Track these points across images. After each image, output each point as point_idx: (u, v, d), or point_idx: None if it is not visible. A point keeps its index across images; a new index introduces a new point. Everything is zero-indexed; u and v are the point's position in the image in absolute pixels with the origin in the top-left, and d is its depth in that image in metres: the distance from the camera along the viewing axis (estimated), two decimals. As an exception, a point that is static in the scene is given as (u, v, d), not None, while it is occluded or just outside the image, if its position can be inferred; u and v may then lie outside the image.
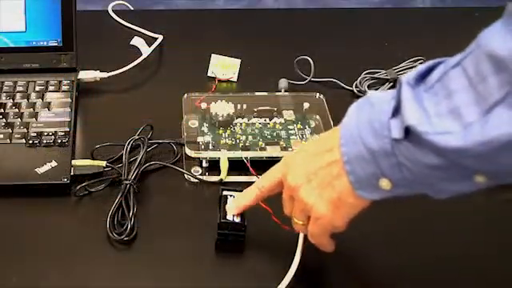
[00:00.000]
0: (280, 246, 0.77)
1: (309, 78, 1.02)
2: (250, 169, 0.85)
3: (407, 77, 0.58)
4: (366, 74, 1.03)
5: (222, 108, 0.92)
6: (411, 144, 0.57)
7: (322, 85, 1.03)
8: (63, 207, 0.83)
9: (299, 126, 0.92)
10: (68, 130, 0.90)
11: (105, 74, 1.01)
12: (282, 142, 0.89)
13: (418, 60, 1.04)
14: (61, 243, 0.78)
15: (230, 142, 0.89)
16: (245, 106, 0.94)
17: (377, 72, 1.03)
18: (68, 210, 0.83)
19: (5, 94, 0.96)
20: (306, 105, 0.95)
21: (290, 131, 0.91)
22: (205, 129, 0.91)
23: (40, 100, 0.95)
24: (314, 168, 0.65)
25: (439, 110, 0.55)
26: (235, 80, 1.04)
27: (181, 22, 1.19)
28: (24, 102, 0.94)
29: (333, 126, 0.90)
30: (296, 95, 0.98)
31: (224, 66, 1.04)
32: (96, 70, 1.01)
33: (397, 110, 0.58)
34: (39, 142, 0.88)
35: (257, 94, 0.98)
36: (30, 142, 0.88)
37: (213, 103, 0.93)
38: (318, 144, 0.67)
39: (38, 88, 0.97)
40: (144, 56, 1.05)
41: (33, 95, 0.96)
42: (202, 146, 0.88)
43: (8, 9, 0.98)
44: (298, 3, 2.42)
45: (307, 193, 0.66)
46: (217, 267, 0.77)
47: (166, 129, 0.92)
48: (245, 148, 0.88)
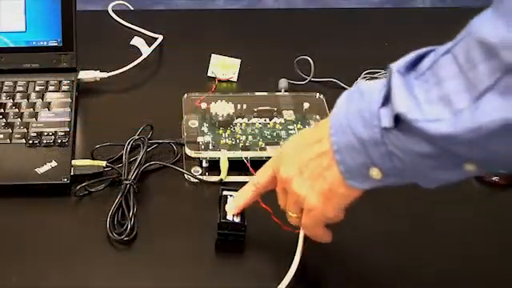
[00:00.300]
0: (280, 246, 0.77)
1: (309, 78, 1.02)
2: (250, 169, 0.85)
3: (397, 65, 0.58)
4: (366, 74, 1.03)
5: (221, 108, 0.92)
6: (401, 132, 0.56)
7: (322, 85, 1.03)
8: (63, 207, 0.83)
9: (299, 126, 0.92)
10: (68, 130, 0.90)
11: (105, 74, 1.01)
12: (281, 142, 0.89)
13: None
14: (61, 243, 0.78)
15: (229, 142, 0.89)
16: (245, 106, 0.94)
17: (377, 72, 1.03)
18: (68, 210, 0.83)
19: (5, 94, 0.96)
20: (306, 105, 0.95)
21: (289, 131, 0.91)
22: (205, 129, 0.91)
23: (40, 100, 0.95)
24: (304, 159, 0.65)
25: (429, 97, 0.55)
26: (235, 80, 1.04)
27: (181, 22, 1.19)
28: (24, 102, 0.94)
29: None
30: (296, 95, 0.98)
31: (224, 66, 1.04)
32: (96, 70, 1.01)
33: (387, 99, 0.58)
34: (39, 142, 0.88)
35: (257, 93, 0.98)
36: (30, 142, 0.88)
37: (213, 103, 0.93)
38: (308, 135, 0.67)
39: (37, 88, 0.97)
40: (144, 56, 1.05)
41: (33, 95, 0.96)
42: (202, 146, 0.88)
43: (8, 9, 0.98)
44: (298, 3, 2.42)
45: (299, 185, 0.66)
46: (217, 267, 0.77)
47: (166, 129, 0.92)
48: (245, 148, 0.88)
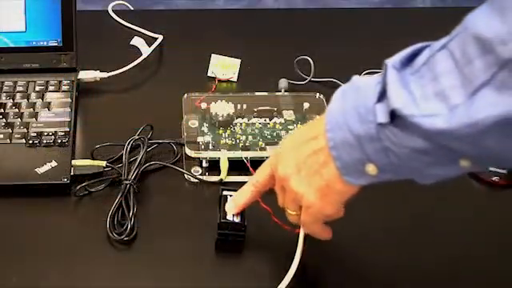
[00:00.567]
0: (280, 246, 0.77)
1: (309, 78, 1.02)
2: (250, 169, 0.85)
3: (392, 60, 0.58)
4: (366, 74, 1.03)
5: (222, 108, 0.92)
6: (397, 128, 0.56)
7: (322, 85, 1.03)
8: (63, 207, 0.83)
9: (299, 126, 0.92)
10: (68, 130, 0.90)
11: (105, 74, 1.01)
12: (281, 142, 0.89)
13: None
14: (61, 243, 0.78)
15: (229, 142, 0.89)
16: (245, 106, 0.94)
17: (377, 72, 1.02)
18: (68, 210, 0.83)
19: (5, 94, 0.96)
20: (306, 105, 0.95)
21: (289, 131, 0.91)
22: (205, 129, 0.91)
23: (40, 100, 0.95)
24: (301, 157, 0.65)
25: (425, 92, 0.55)
26: (235, 80, 1.04)
27: (181, 22, 1.18)
28: (24, 102, 0.94)
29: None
30: (296, 95, 0.98)
31: (224, 66, 1.04)
32: (96, 70, 1.01)
33: (382, 95, 0.58)
34: (39, 142, 0.88)
35: (257, 93, 0.98)
36: (30, 142, 0.88)
37: (213, 103, 0.93)
38: (304, 132, 0.67)
39: (38, 88, 0.97)
40: (144, 56, 1.05)
41: (33, 95, 0.96)
42: (202, 146, 0.88)
43: (8, 9, 0.98)
44: (298, 3, 2.42)
45: (297, 182, 0.66)
46: (217, 267, 0.77)
47: (166, 129, 0.92)
48: (245, 148, 0.88)
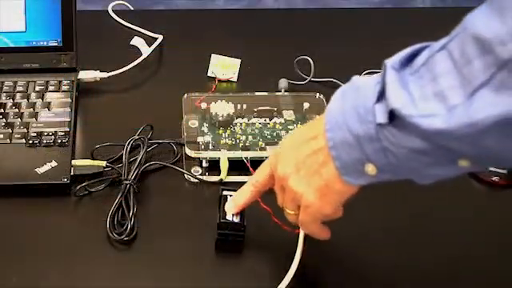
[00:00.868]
0: (280, 246, 0.77)
1: (309, 78, 1.02)
2: (250, 169, 0.85)
3: (392, 60, 0.58)
4: (366, 74, 1.03)
5: (222, 108, 0.92)
6: (396, 128, 0.56)
7: (322, 85, 1.03)
8: (63, 207, 0.83)
9: (299, 126, 0.92)
10: (68, 130, 0.90)
11: (105, 74, 1.01)
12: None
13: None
14: (61, 243, 0.78)
15: (229, 142, 0.89)
16: (245, 106, 0.94)
17: (377, 72, 1.02)
18: (68, 210, 0.83)
19: (5, 94, 0.96)
20: (306, 105, 0.95)
21: (289, 131, 0.91)
22: (205, 129, 0.91)
23: (40, 100, 0.95)
24: (301, 156, 0.65)
25: (424, 93, 0.55)
26: (235, 80, 1.04)
27: (181, 22, 1.18)
28: (24, 102, 0.94)
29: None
30: (296, 95, 0.98)
31: (224, 66, 1.04)
32: (96, 70, 1.01)
33: (381, 95, 0.58)
34: (39, 142, 0.88)
35: (257, 93, 0.98)
36: (30, 142, 0.88)
37: (213, 103, 0.93)
38: (304, 132, 0.67)
39: (38, 88, 0.97)
40: (144, 56, 1.05)
41: (33, 95, 0.96)
42: (202, 146, 0.88)
43: (8, 9, 0.98)
44: (298, 3, 2.42)
45: (296, 182, 0.66)
46: (217, 267, 0.77)
47: (166, 129, 0.92)
48: (245, 148, 0.88)
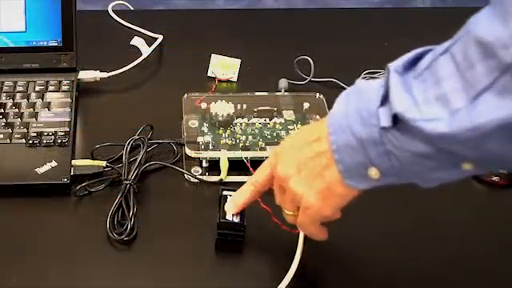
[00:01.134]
0: (280, 246, 0.77)
1: (309, 78, 1.02)
2: (250, 169, 0.85)
3: (395, 64, 0.58)
4: (366, 74, 1.03)
5: (222, 108, 0.92)
6: (399, 132, 0.56)
7: (322, 85, 1.03)
8: (63, 207, 0.83)
9: (299, 125, 0.92)
10: (68, 130, 0.90)
11: (105, 74, 1.01)
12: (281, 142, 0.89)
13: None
14: (61, 243, 0.78)
15: (229, 142, 0.89)
16: (245, 106, 0.94)
17: (377, 72, 1.03)
18: (68, 210, 0.83)
19: (5, 94, 0.96)
20: (306, 105, 0.95)
21: (289, 131, 0.91)
22: (205, 129, 0.91)
23: (40, 100, 0.95)
24: (303, 158, 0.65)
25: (427, 97, 0.55)
26: (235, 80, 1.04)
27: (181, 22, 1.19)
28: (24, 102, 0.94)
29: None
30: (296, 95, 0.98)
31: (224, 66, 1.04)
32: (96, 70, 1.01)
33: (385, 99, 0.57)
34: (39, 142, 0.88)
35: (257, 93, 0.98)
36: (30, 142, 0.88)
37: (213, 103, 0.93)
38: (306, 134, 0.67)
39: (38, 88, 0.97)
40: (144, 56, 1.05)
41: (33, 95, 0.96)
42: (202, 146, 0.88)
43: (8, 9, 0.98)
44: (298, 3, 2.42)
45: (296, 183, 0.66)
46: (217, 267, 0.77)
47: (166, 129, 0.92)
48: (245, 148, 0.88)
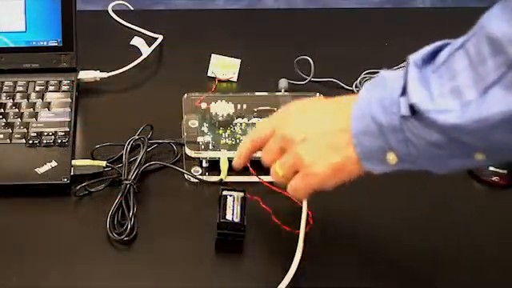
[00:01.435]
0: (280, 246, 0.77)
1: (309, 78, 1.02)
2: (250, 169, 0.85)
3: (415, 57, 0.61)
4: (366, 74, 1.03)
5: (222, 108, 0.92)
6: (417, 121, 0.60)
7: (322, 85, 1.03)
8: (63, 207, 0.83)
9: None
10: (68, 130, 0.90)
11: (105, 74, 1.01)
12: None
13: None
14: (61, 243, 0.78)
15: (229, 142, 0.89)
16: (245, 106, 0.94)
17: (377, 72, 1.03)
18: (68, 210, 0.83)
19: (5, 94, 0.96)
20: (306, 105, 0.95)
21: (289, 131, 0.91)
22: (205, 129, 0.91)
23: (40, 100, 0.95)
24: (319, 129, 0.68)
25: (442, 91, 0.58)
26: (235, 80, 1.04)
27: (181, 22, 1.18)
28: (24, 102, 0.94)
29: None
30: (296, 95, 0.98)
31: (224, 66, 1.04)
32: (96, 70, 1.01)
33: (405, 89, 0.61)
34: (39, 142, 0.88)
35: (257, 93, 0.98)
36: (30, 142, 0.88)
37: (213, 103, 0.93)
38: (326, 107, 0.70)
39: (38, 88, 0.97)
40: (144, 56, 1.05)
41: (33, 95, 0.96)
42: (202, 146, 0.88)
43: (8, 9, 0.98)
44: (298, 3, 2.42)
45: (305, 150, 0.68)
46: (217, 267, 0.77)
47: (166, 129, 0.92)
48: (245, 148, 0.88)
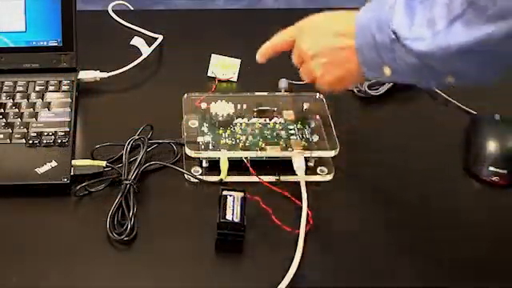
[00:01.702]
0: (280, 246, 0.77)
1: (309, 78, 1.02)
2: (250, 169, 0.85)
3: None
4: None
5: (222, 108, 0.92)
6: (399, 45, 0.69)
7: (322, 85, 1.03)
8: (63, 207, 0.83)
9: (299, 125, 0.92)
10: (68, 130, 0.90)
11: (105, 74, 1.01)
12: (281, 142, 0.89)
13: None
14: (61, 243, 0.78)
15: (229, 142, 0.89)
16: (245, 106, 0.94)
17: (377, 72, 1.03)
18: (68, 210, 0.83)
19: (5, 94, 0.96)
20: (306, 105, 0.95)
21: (290, 131, 0.91)
22: (205, 129, 0.91)
23: (40, 100, 0.95)
24: (327, 46, 0.79)
25: (422, 20, 0.66)
26: (235, 80, 1.04)
27: (181, 22, 1.18)
28: (24, 102, 0.94)
29: (333, 126, 0.90)
30: (296, 95, 0.98)
31: (224, 66, 1.04)
32: (96, 70, 1.01)
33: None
34: (39, 142, 0.88)
35: (257, 94, 0.98)
36: (30, 142, 0.88)
37: (213, 103, 0.93)
38: (334, 25, 0.79)
39: (38, 88, 0.97)
40: (144, 56, 1.05)
41: (33, 95, 0.96)
42: (202, 146, 0.88)
43: (8, 9, 0.98)
44: (298, 3, 2.42)
45: (316, 65, 0.80)
46: (217, 267, 0.77)
47: (166, 129, 0.92)
48: (245, 148, 0.88)
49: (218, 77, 1.03)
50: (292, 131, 0.91)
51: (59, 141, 0.88)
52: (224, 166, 0.86)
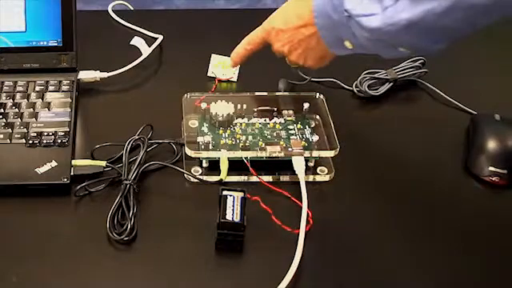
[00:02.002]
0: (280, 246, 0.77)
1: (309, 78, 1.02)
2: (250, 169, 0.85)
3: None
4: (366, 73, 1.03)
5: (222, 108, 0.92)
6: (353, 21, 0.75)
7: (322, 85, 1.03)
8: (63, 207, 0.83)
9: (299, 125, 0.92)
10: (68, 130, 0.90)
11: (105, 74, 1.01)
12: (282, 142, 0.89)
13: (418, 60, 1.04)
14: (61, 243, 0.78)
15: (230, 142, 0.89)
16: (245, 106, 0.94)
17: (377, 72, 1.03)
18: (68, 210, 0.83)
19: (5, 94, 0.96)
20: (306, 105, 0.95)
21: (290, 131, 0.91)
22: (205, 129, 0.91)
23: (40, 100, 0.95)
24: (296, 40, 0.87)
25: None
26: (235, 80, 1.04)
27: (181, 22, 1.19)
28: (24, 102, 0.95)
29: (333, 126, 0.90)
30: (296, 95, 0.98)
31: (224, 66, 1.04)
32: (96, 70, 1.01)
33: None
34: (39, 142, 0.88)
35: (257, 94, 0.98)
36: (30, 142, 0.88)
37: (213, 103, 0.93)
38: (294, 21, 0.86)
39: (37, 88, 0.97)
40: (144, 56, 1.05)
41: (33, 95, 0.96)
42: (202, 146, 0.88)
43: (8, 9, 0.98)
44: (298, 3, 2.41)
45: (295, 57, 0.89)
46: (217, 267, 0.77)
47: (166, 129, 0.92)
48: (245, 148, 0.88)
49: (218, 77, 1.04)
50: (292, 131, 0.91)
51: (59, 141, 0.88)
52: (224, 166, 0.86)
